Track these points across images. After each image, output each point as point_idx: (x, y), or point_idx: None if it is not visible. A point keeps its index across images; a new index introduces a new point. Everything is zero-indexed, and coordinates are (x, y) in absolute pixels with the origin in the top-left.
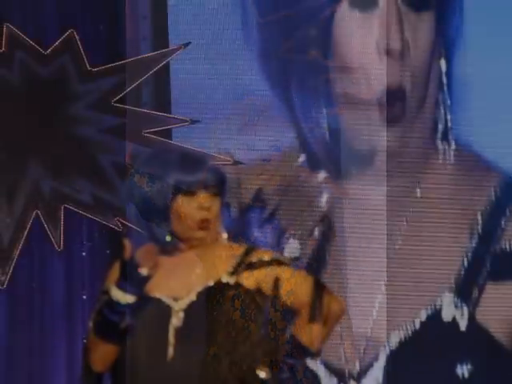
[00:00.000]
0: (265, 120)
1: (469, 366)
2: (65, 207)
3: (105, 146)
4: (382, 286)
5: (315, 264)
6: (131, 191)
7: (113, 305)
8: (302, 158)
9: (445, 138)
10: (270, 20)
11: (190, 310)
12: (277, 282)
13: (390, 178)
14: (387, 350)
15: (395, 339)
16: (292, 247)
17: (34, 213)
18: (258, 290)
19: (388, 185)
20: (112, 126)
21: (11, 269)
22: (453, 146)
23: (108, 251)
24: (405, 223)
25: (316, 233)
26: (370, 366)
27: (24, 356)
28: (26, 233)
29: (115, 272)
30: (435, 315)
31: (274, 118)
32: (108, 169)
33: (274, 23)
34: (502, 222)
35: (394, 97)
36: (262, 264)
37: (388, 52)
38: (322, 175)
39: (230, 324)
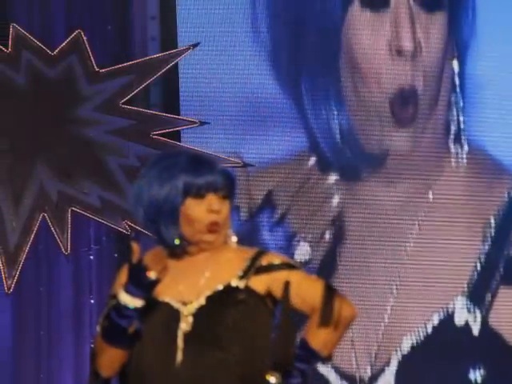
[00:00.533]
0: (275, 121)
1: (481, 371)
2: (72, 210)
3: (113, 148)
4: (393, 290)
5: (326, 268)
6: (140, 194)
7: (121, 309)
8: (313, 160)
9: (457, 139)
10: (280, 20)
11: (198, 315)
12: (287, 286)
13: (401, 181)
14: (399, 355)
15: (407, 344)
16: (302, 250)
17: (41, 216)
18: (268, 294)
19: (399, 187)
20: (120, 127)
21: (18, 273)
22: (465, 148)
23: (116, 255)
24: (417, 226)
25: (327, 236)
26: (382, 370)
27: (31, 360)
28: (32, 236)
29: (123, 276)
30: (447, 319)
31: (284, 120)
32: (116, 171)
33: (284, 23)
34: None
35: (406, 98)
36: (272, 268)
37: (399, 52)
38: (332, 177)
39: (239, 328)
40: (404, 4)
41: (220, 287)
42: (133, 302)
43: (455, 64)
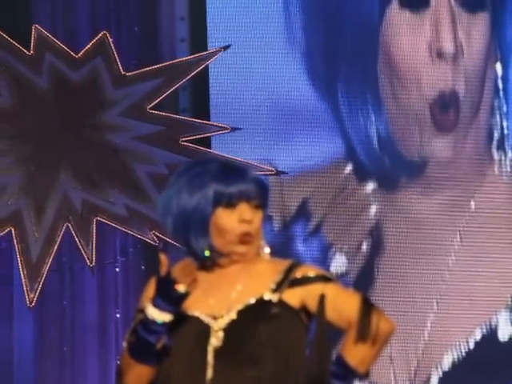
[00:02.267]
0: (309, 127)
1: None
2: (97, 220)
3: (140, 155)
4: (434, 304)
5: (363, 280)
6: (168, 203)
7: (148, 324)
8: (349, 167)
9: (501, 146)
10: (315, 20)
11: (230, 330)
12: (322, 300)
13: (442, 190)
14: (439, 372)
15: (448, 360)
16: (338, 262)
17: (65, 226)
18: (303, 308)
19: (440, 196)
20: (147, 133)
21: (40, 285)
22: (509, 155)
23: (143, 267)
24: (458, 237)
25: (364, 247)
26: None
27: (54, 376)
28: (55, 247)
29: (151, 289)
30: (490, 334)
31: (319, 125)
32: (143, 179)
33: (319, 23)
34: None
35: (447, 102)
36: (306, 280)
37: (440, 54)
38: (370, 186)
39: (272, 344)
40: (445, 4)
41: (252, 301)
42: (161, 316)
43: (498, 67)
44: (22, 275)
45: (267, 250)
